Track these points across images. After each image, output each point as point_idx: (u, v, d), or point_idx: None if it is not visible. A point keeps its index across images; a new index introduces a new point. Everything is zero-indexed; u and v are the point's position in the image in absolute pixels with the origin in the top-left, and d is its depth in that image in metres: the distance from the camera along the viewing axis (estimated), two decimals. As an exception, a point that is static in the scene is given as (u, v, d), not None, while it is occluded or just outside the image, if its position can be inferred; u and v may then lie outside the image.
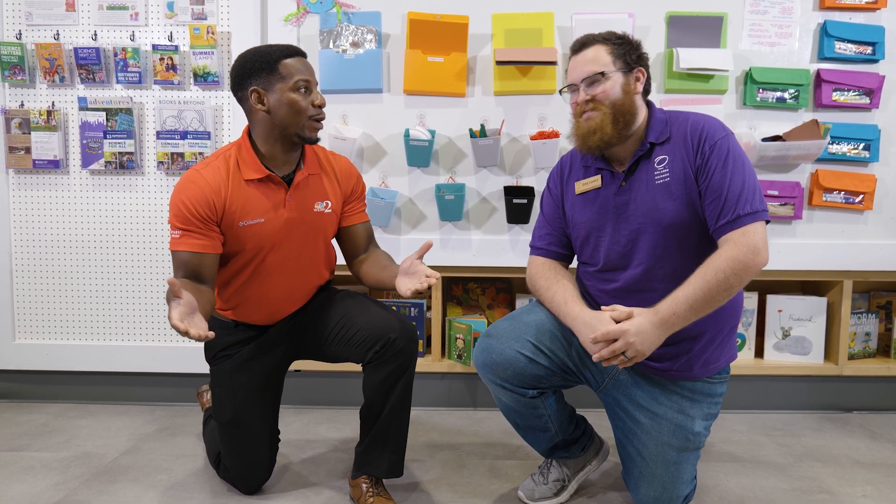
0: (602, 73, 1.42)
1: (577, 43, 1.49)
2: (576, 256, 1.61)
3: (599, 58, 1.44)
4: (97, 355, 2.32)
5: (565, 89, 1.50)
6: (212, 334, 1.28)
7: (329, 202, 1.64)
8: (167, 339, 2.32)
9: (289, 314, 1.68)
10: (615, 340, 1.33)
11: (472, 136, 2.12)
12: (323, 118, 1.56)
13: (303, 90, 1.51)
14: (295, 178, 1.58)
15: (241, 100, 1.54)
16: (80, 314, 2.33)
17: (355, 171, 1.72)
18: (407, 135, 2.12)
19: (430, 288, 2.31)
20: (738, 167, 1.36)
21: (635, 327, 1.31)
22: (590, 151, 1.47)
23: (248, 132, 1.57)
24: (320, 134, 1.58)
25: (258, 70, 1.49)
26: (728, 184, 1.34)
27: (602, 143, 1.43)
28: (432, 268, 2.21)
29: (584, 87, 1.45)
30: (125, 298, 2.32)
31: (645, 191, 1.44)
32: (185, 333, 1.23)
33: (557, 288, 1.50)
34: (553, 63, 2.08)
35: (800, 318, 2.27)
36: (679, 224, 1.40)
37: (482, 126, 2.13)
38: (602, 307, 1.40)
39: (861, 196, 2.17)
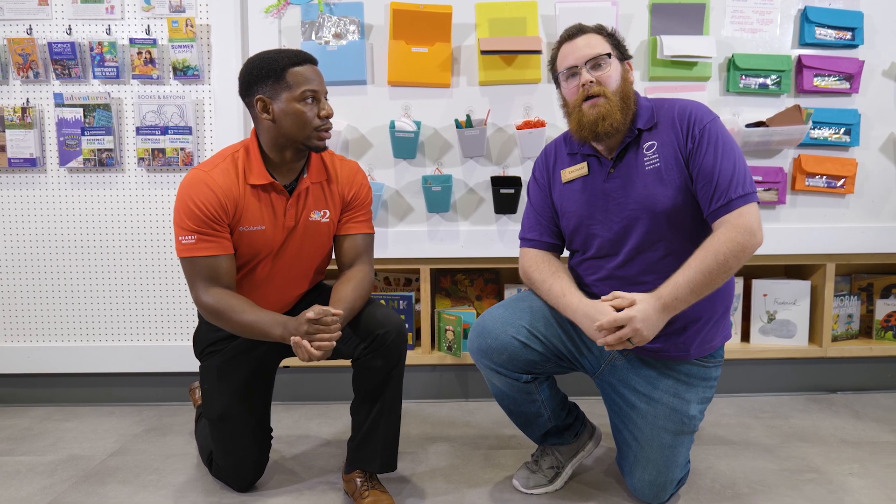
0: (608, 55, 1.43)
1: (570, 30, 1.48)
2: (566, 245, 1.61)
3: (598, 43, 1.44)
4: (80, 357, 2.27)
5: (564, 73, 1.47)
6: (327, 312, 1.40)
7: (327, 211, 1.59)
8: (151, 339, 2.29)
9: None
10: (621, 327, 1.33)
11: (457, 127, 2.11)
12: (330, 128, 1.51)
13: (309, 100, 1.46)
14: (297, 186, 1.55)
15: (248, 105, 1.51)
16: (61, 315, 2.28)
17: (360, 178, 1.64)
18: (392, 126, 2.10)
19: (417, 280, 2.30)
20: (728, 151, 1.37)
21: (641, 314, 1.32)
22: (596, 138, 1.45)
23: (257, 135, 1.54)
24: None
25: (265, 77, 1.45)
26: (719, 168, 1.36)
27: (612, 130, 1.41)
28: (421, 260, 2.26)
29: (587, 68, 1.43)
30: (107, 298, 2.27)
31: (635, 178, 1.44)
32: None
33: (554, 280, 1.50)
34: (538, 52, 2.07)
35: (784, 302, 2.30)
36: (672, 209, 1.41)
37: (468, 116, 2.12)
38: (602, 297, 1.40)
39: (842, 180, 2.20)
